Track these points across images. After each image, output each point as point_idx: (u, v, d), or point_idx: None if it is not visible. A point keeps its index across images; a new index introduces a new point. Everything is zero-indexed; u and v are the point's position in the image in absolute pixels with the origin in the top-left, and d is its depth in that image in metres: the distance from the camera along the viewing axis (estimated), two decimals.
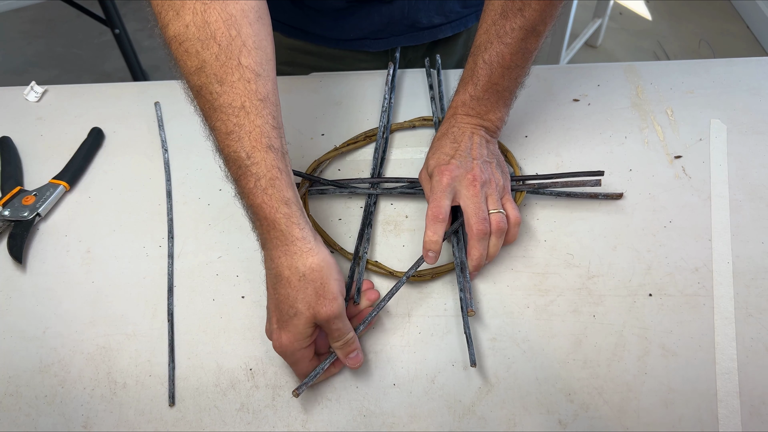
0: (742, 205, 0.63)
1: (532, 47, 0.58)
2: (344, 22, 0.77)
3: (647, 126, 0.71)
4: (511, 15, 0.56)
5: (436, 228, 0.56)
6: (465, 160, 0.58)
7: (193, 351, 0.55)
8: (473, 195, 0.57)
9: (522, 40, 0.57)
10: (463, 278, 0.56)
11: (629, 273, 0.58)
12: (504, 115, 0.62)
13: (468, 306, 0.54)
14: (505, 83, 0.59)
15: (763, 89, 0.74)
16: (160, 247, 0.62)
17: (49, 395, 0.53)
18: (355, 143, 0.70)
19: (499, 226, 0.56)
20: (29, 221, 0.63)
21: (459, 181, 0.58)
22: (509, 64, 0.58)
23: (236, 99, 0.49)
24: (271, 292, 0.50)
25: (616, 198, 0.63)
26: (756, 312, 0.55)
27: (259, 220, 0.50)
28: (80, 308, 0.58)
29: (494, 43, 0.58)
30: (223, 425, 0.51)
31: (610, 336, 0.54)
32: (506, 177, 0.61)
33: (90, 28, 2.30)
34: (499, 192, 0.58)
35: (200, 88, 0.49)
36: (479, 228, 0.55)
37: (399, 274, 0.58)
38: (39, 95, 0.77)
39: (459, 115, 0.61)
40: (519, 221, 0.58)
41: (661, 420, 0.49)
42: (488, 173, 0.58)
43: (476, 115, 0.61)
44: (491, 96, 0.60)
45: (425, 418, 0.50)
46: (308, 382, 0.50)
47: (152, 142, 0.72)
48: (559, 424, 0.50)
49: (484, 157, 0.59)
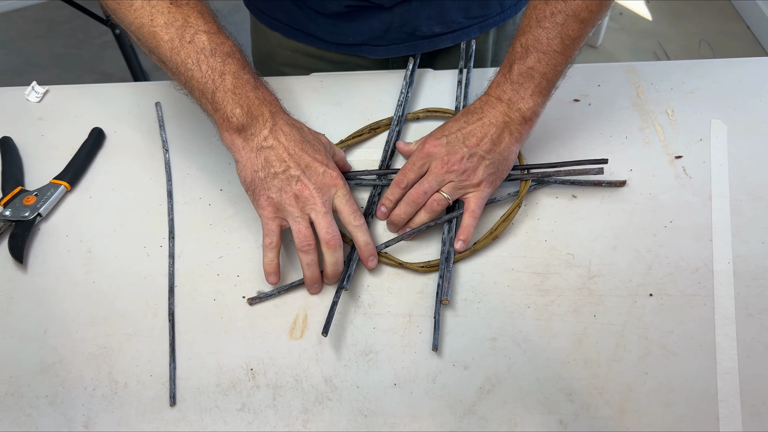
0: (742, 205, 0.63)
1: (573, 33, 0.56)
2: (344, 26, 0.77)
3: (648, 126, 0.71)
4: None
5: (394, 191, 0.61)
6: (456, 145, 0.58)
7: (194, 351, 0.55)
8: (434, 172, 0.58)
9: (561, 24, 0.56)
10: (446, 267, 0.57)
11: (630, 273, 0.58)
12: (537, 105, 0.59)
13: (443, 294, 0.55)
14: (542, 69, 0.58)
15: (763, 89, 0.74)
16: (161, 247, 0.62)
17: (50, 395, 0.53)
18: (360, 136, 0.70)
19: (432, 204, 0.59)
20: (30, 221, 0.63)
21: (434, 158, 0.59)
22: (546, 49, 0.57)
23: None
24: (283, 157, 0.54)
25: (620, 185, 0.64)
26: (756, 312, 0.55)
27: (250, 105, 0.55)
28: (81, 308, 0.58)
29: (533, 27, 0.57)
30: (224, 425, 0.51)
31: (610, 336, 0.54)
32: (490, 180, 0.59)
33: (90, 28, 2.30)
34: (467, 188, 0.58)
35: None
36: (412, 196, 0.59)
37: (397, 261, 0.59)
38: (40, 95, 0.78)
39: (490, 98, 0.60)
40: (476, 215, 0.58)
41: (662, 420, 0.49)
42: (470, 167, 0.58)
43: (507, 101, 0.59)
44: (525, 81, 0.58)
45: (426, 418, 0.50)
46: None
47: (153, 142, 0.72)
48: (560, 424, 0.50)
49: (480, 152, 0.58)
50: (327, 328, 0.52)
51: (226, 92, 0.54)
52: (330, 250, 0.54)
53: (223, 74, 0.54)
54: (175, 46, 0.54)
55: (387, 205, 0.61)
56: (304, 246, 0.54)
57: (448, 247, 0.58)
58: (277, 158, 0.54)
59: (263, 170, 0.55)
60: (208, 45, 0.54)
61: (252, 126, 0.55)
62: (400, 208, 0.60)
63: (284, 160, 0.54)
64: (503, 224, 0.60)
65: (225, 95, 0.54)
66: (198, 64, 0.54)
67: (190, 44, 0.54)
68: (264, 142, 0.55)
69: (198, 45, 0.54)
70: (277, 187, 0.54)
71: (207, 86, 0.54)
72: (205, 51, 0.54)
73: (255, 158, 0.55)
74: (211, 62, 0.54)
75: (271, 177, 0.54)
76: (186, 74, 0.55)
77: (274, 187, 0.54)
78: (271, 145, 0.55)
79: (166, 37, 0.54)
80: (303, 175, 0.54)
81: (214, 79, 0.54)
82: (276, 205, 0.54)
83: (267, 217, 0.55)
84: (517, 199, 0.61)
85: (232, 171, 0.68)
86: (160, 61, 0.56)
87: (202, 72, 0.54)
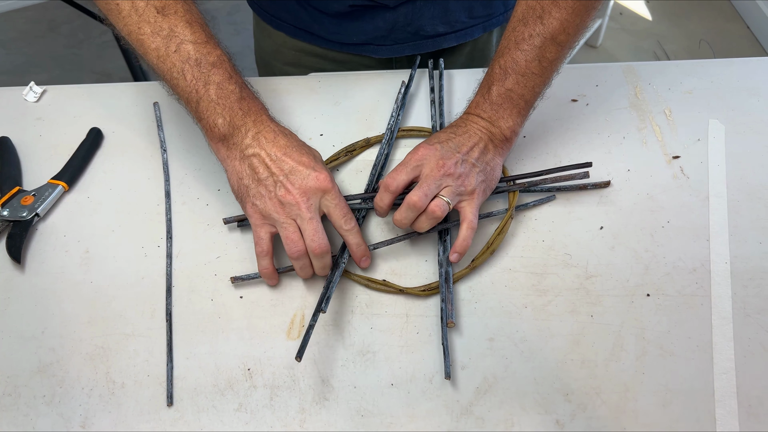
0: (740, 206, 0.63)
1: (551, 56, 0.57)
2: (348, 26, 0.77)
3: (645, 126, 0.71)
4: (531, 21, 0.56)
5: (383, 196, 0.58)
6: (449, 151, 0.57)
7: (191, 351, 0.55)
8: (430, 176, 0.55)
9: (539, 48, 0.56)
10: (446, 289, 0.56)
11: (627, 273, 0.58)
12: (516, 125, 0.60)
13: (448, 317, 0.54)
14: (520, 90, 0.58)
15: (762, 89, 0.74)
16: (158, 247, 0.62)
17: (48, 395, 0.53)
18: (336, 160, 0.68)
19: (434, 210, 0.55)
20: (28, 221, 0.63)
21: (427, 161, 0.56)
22: (524, 71, 0.57)
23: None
24: (266, 164, 0.54)
25: (604, 186, 0.64)
26: (754, 312, 0.55)
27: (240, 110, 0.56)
28: (79, 308, 0.58)
29: (511, 49, 0.58)
30: (221, 425, 0.51)
31: (607, 336, 0.54)
32: (483, 188, 0.58)
33: (90, 28, 2.30)
34: (461, 194, 0.56)
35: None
36: (412, 199, 0.55)
37: (397, 287, 0.57)
38: (38, 95, 0.78)
39: (471, 115, 0.60)
40: (473, 226, 0.56)
41: (659, 420, 0.49)
42: (464, 172, 0.56)
43: (487, 119, 0.59)
44: (504, 102, 0.58)
45: (423, 418, 0.50)
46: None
47: (151, 143, 0.72)
48: (557, 424, 0.50)
49: (470, 158, 0.57)
50: (301, 354, 0.50)
51: (209, 102, 0.55)
52: (317, 257, 0.54)
53: (207, 84, 0.55)
54: (161, 54, 0.55)
55: (379, 206, 0.58)
56: (294, 252, 0.54)
57: (446, 268, 0.57)
58: (260, 164, 0.54)
59: (248, 177, 0.55)
60: (193, 55, 0.55)
61: (235, 135, 0.55)
62: (401, 213, 0.56)
63: (267, 165, 0.54)
64: (499, 237, 0.59)
65: (208, 105, 0.55)
66: (183, 73, 0.55)
67: (176, 54, 0.55)
68: (247, 150, 0.55)
69: (183, 55, 0.55)
70: (261, 194, 0.54)
71: (191, 96, 0.55)
72: (190, 61, 0.55)
73: (239, 166, 0.55)
74: (195, 72, 0.55)
75: (255, 184, 0.54)
76: (172, 82, 0.56)
77: (258, 194, 0.54)
78: (254, 153, 0.55)
79: (153, 45, 0.55)
80: (287, 180, 0.54)
81: (197, 89, 0.55)
82: (262, 212, 0.54)
83: (255, 224, 0.55)
84: (509, 211, 0.61)
85: None
86: (149, 67, 0.57)
87: (187, 81, 0.55)
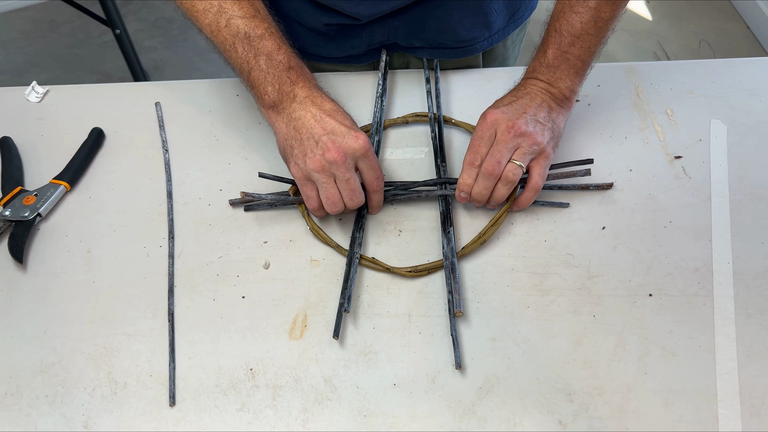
0: (742, 206, 0.63)
1: (605, 16, 0.58)
2: (327, 43, 0.76)
3: (647, 126, 0.71)
4: None
5: (470, 172, 0.59)
6: (515, 112, 0.58)
7: (193, 351, 0.55)
8: (502, 140, 0.57)
9: (594, 9, 0.58)
10: (452, 280, 0.56)
11: (629, 273, 0.58)
12: (575, 84, 0.61)
13: (456, 307, 0.54)
14: (576, 52, 0.59)
15: (763, 89, 0.74)
16: (160, 247, 0.62)
17: (50, 395, 0.53)
18: None
19: (507, 175, 0.57)
20: (30, 221, 0.63)
21: (498, 126, 0.58)
22: (580, 32, 0.58)
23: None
24: (310, 124, 0.57)
25: (607, 188, 0.64)
26: (756, 312, 0.55)
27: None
28: (81, 308, 0.58)
29: (566, 12, 0.59)
30: (223, 425, 0.51)
31: (610, 336, 0.54)
32: (552, 145, 0.59)
33: (90, 28, 2.30)
34: (533, 153, 0.58)
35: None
36: (486, 168, 0.57)
37: (384, 266, 0.59)
38: (40, 95, 0.78)
39: (530, 79, 0.62)
40: (537, 188, 0.59)
41: (661, 420, 0.49)
42: (532, 129, 0.57)
43: (546, 80, 0.61)
44: (561, 63, 0.60)
45: (425, 418, 0.50)
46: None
47: (153, 143, 0.72)
48: (559, 424, 0.50)
49: (537, 117, 0.59)
50: (337, 332, 0.54)
51: (260, 72, 0.59)
52: (351, 209, 0.59)
53: (257, 56, 0.59)
54: (213, 30, 0.60)
55: (466, 190, 0.59)
56: (332, 210, 0.58)
57: (452, 260, 0.58)
58: (304, 125, 0.57)
59: (292, 139, 0.58)
60: (243, 29, 0.59)
61: (283, 101, 0.59)
62: (479, 185, 0.58)
63: (311, 126, 0.57)
64: (492, 228, 0.60)
65: (259, 75, 0.59)
66: (234, 47, 0.60)
67: (227, 28, 0.60)
68: (293, 113, 0.58)
69: (233, 29, 0.59)
70: (304, 153, 0.56)
71: (243, 67, 0.60)
72: (240, 35, 0.59)
73: (286, 129, 0.59)
74: (245, 45, 0.59)
75: (298, 144, 0.57)
76: (225, 54, 0.61)
77: (300, 155, 0.57)
78: (299, 116, 0.58)
79: (206, 21, 0.61)
80: (328, 138, 0.56)
81: (248, 60, 0.59)
82: (303, 172, 0.57)
83: (300, 183, 0.59)
84: (506, 204, 0.61)
85: (232, 171, 0.68)
86: (206, 39, 0.63)
87: (239, 54, 0.60)
